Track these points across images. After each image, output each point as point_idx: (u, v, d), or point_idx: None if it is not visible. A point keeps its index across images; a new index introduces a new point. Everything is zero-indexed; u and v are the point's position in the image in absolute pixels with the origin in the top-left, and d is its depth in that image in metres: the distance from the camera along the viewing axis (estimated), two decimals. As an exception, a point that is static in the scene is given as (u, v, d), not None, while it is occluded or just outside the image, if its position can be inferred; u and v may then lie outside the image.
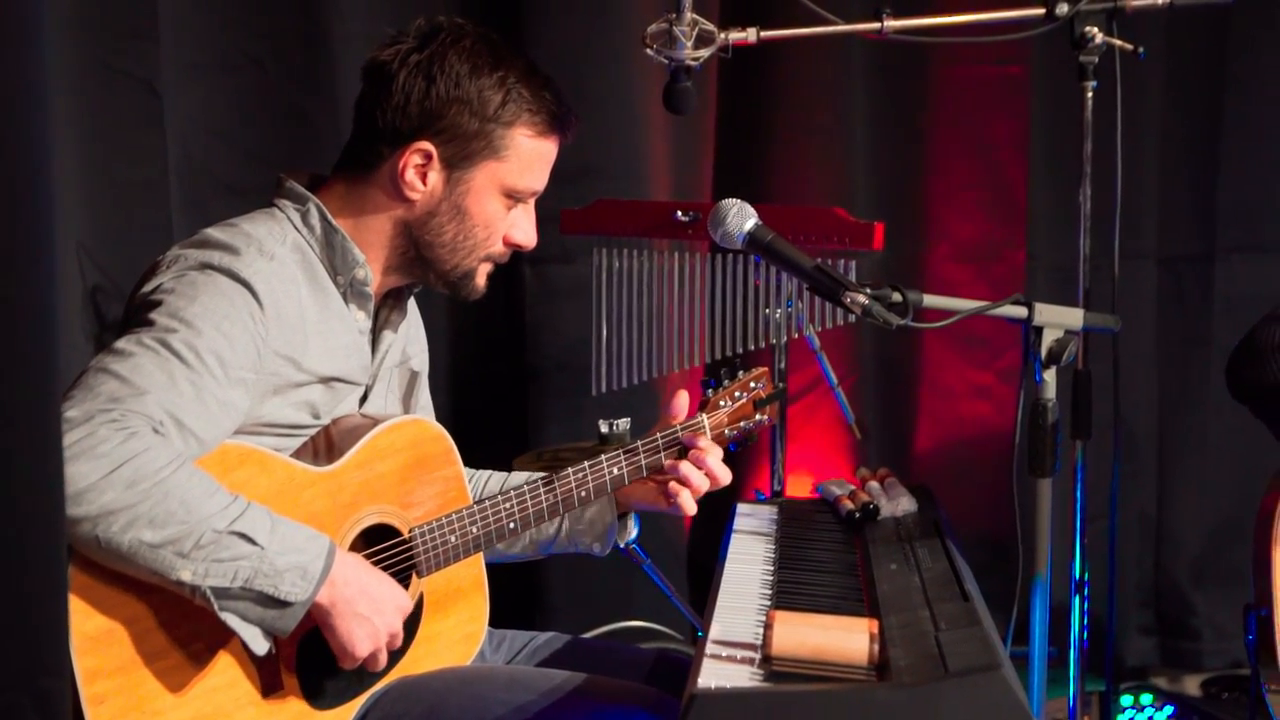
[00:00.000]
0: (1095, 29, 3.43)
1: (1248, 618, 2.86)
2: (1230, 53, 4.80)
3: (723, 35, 3.31)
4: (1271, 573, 2.76)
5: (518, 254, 2.80)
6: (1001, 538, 3.27)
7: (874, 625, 2.31)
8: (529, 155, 2.67)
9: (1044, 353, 2.83)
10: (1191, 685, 4.89)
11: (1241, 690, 4.70)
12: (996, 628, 2.47)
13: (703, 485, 2.78)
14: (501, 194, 2.68)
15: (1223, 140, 4.83)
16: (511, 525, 2.70)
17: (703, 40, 3.28)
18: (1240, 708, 4.57)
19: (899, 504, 3.14)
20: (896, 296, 2.70)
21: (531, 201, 2.74)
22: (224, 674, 2.43)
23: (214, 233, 2.57)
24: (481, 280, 2.75)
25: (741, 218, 2.80)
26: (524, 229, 2.74)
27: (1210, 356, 4.83)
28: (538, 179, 2.71)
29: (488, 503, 2.69)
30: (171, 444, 2.33)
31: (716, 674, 2.27)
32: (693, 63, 3.28)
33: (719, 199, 2.84)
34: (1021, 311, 2.82)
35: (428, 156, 2.63)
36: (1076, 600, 3.58)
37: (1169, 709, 4.46)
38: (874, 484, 3.23)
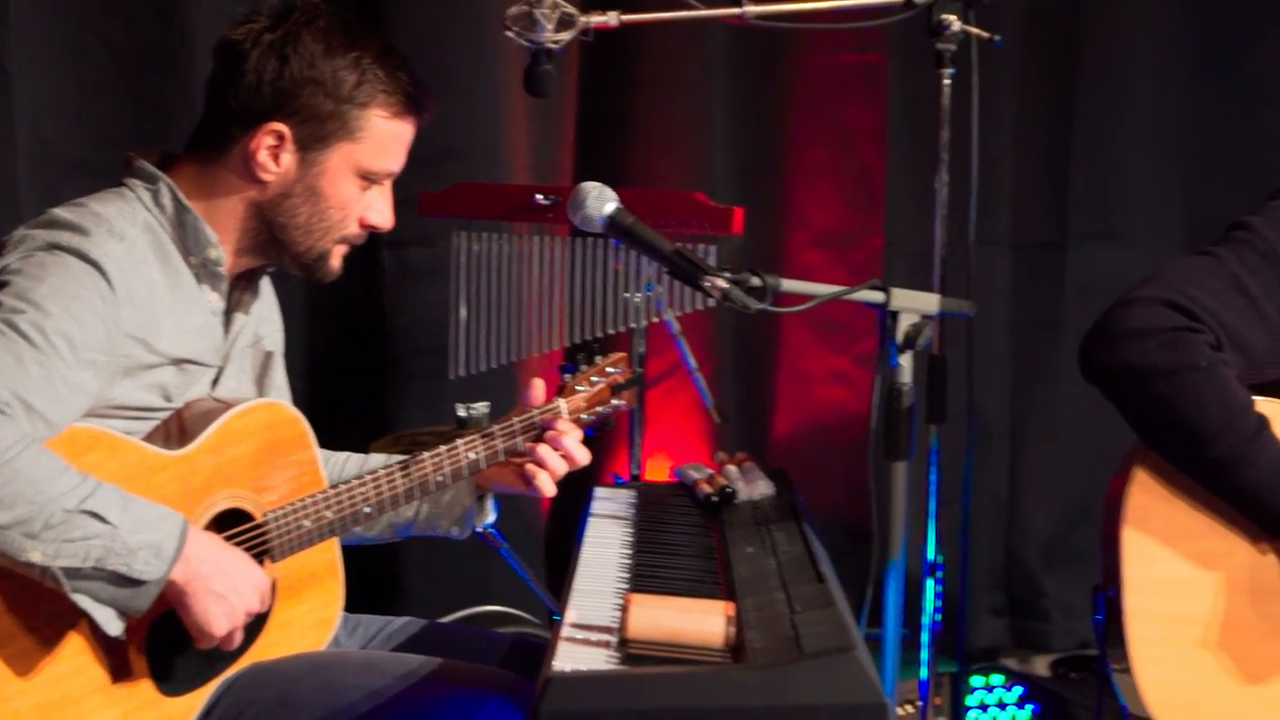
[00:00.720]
0: (953, 17, 3.46)
1: (1096, 598, 2.90)
2: (1084, 41, 4.87)
3: (584, 19, 3.31)
4: (1120, 553, 2.81)
5: (376, 236, 2.78)
6: (857, 521, 3.29)
7: (730, 608, 2.32)
8: (384, 136, 2.65)
9: (900, 337, 2.85)
10: (1041, 666, 4.97)
11: (1089, 670, 4.78)
12: (851, 610, 2.48)
13: (560, 467, 2.78)
14: (356, 175, 2.65)
15: (1075, 129, 4.91)
16: (367, 510, 2.68)
17: (564, 23, 3.27)
18: (1088, 687, 4.64)
19: (756, 488, 3.15)
20: (755, 281, 2.70)
21: (388, 183, 2.72)
22: (71, 660, 2.39)
23: (62, 213, 2.52)
24: (336, 262, 2.72)
25: (601, 201, 2.79)
26: (380, 210, 2.71)
27: (1062, 342, 4.90)
28: (393, 160, 2.68)
29: (343, 487, 2.67)
30: (18, 425, 2.28)
31: (573, 657, 2.27)
32: (553, 46, 3.27)
33: (579, 183, 2.84)
34: (878, 296, 2.84)
35: (281, 138, 2.60)
36: (929, 583, 3.62)
37: (1018, 689, 4.52)
38: (732, 468, 3.24)
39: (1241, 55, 4.94)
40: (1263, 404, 2.77)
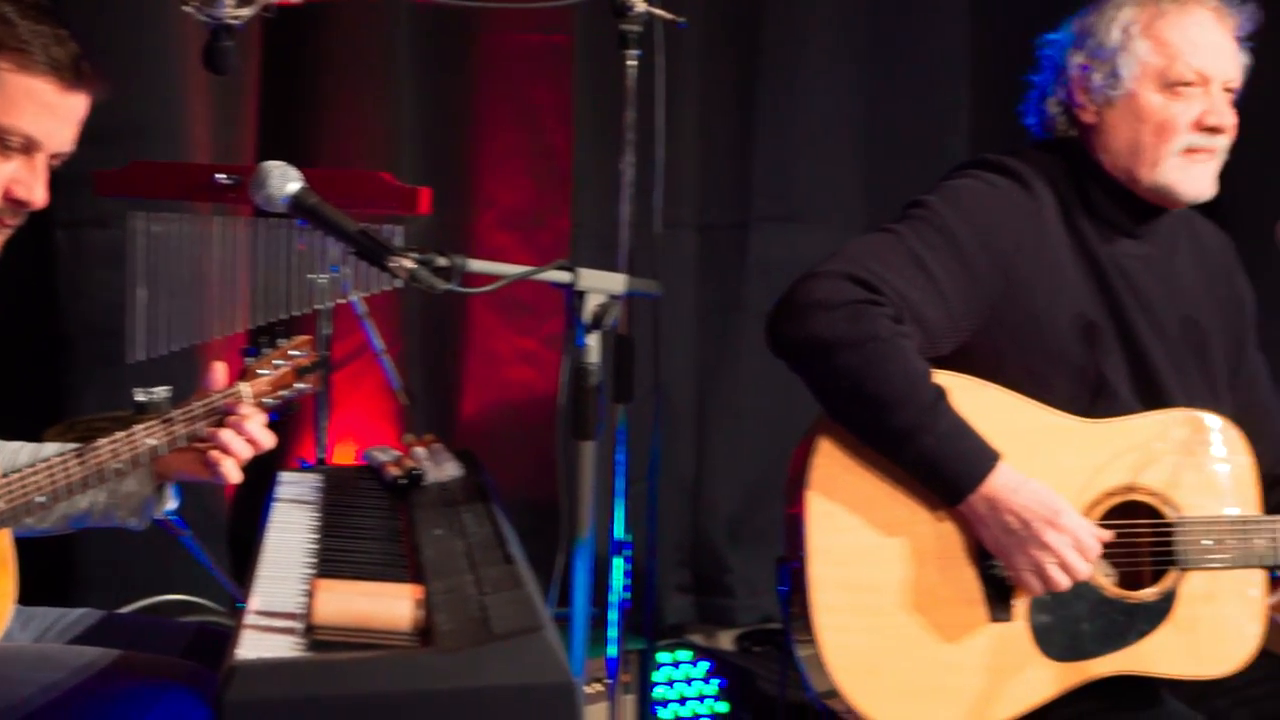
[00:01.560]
0: (637, -2, 3.49)
1: (780, 569, 2.95)
2: (764, 26, 4.96)
3: (265, -6, 3.24)
4: (804, 524, 2.86)
5: (47, 217, 2.66)
6: (546, 501, 3.31)
7: (418, 591, 2.31)
8: (13, 91, 2.51)
9: (587, 318, 2.87)
10: (726, 640, 5.05)
11: (773, 643, 4.88)
12: (540, 590, 2.49)
13: (244, 451, 2.72)
14: (-16, 135, 2.51)
15: (757, 112, 4.99)
16: (40, 499, 2.58)
17: (244, -1, 3.20)
18: (771, 660, 4.74)
19: (445, 469, 3.14)
20: (442, 261, 2.69)
21: (39, 157, 2.58)
22: None
23: None
24: (-11, 242, 2.59)
25: (284, 180, 2.75)
26: (25, 183, 2.56)
27: (746, 322, 4.99)
28: (29, 122, 2.52)
29: (14, 476, 2.57)
30: None
31: (257, 645, 2.23)
32: (234, 21, 3.19)
33: (262, 162, 2.78)
34: (565, 276, 2.86)
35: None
36: (618, 562, 3.65)
37: (705, 665, 4.59)
38: (420, 450, 3.22)
39: (916, 42, 5.09)
40: (940, 376, 2.85)
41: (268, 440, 2.74)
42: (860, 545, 2.85)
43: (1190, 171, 2.97)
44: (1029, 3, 4.91)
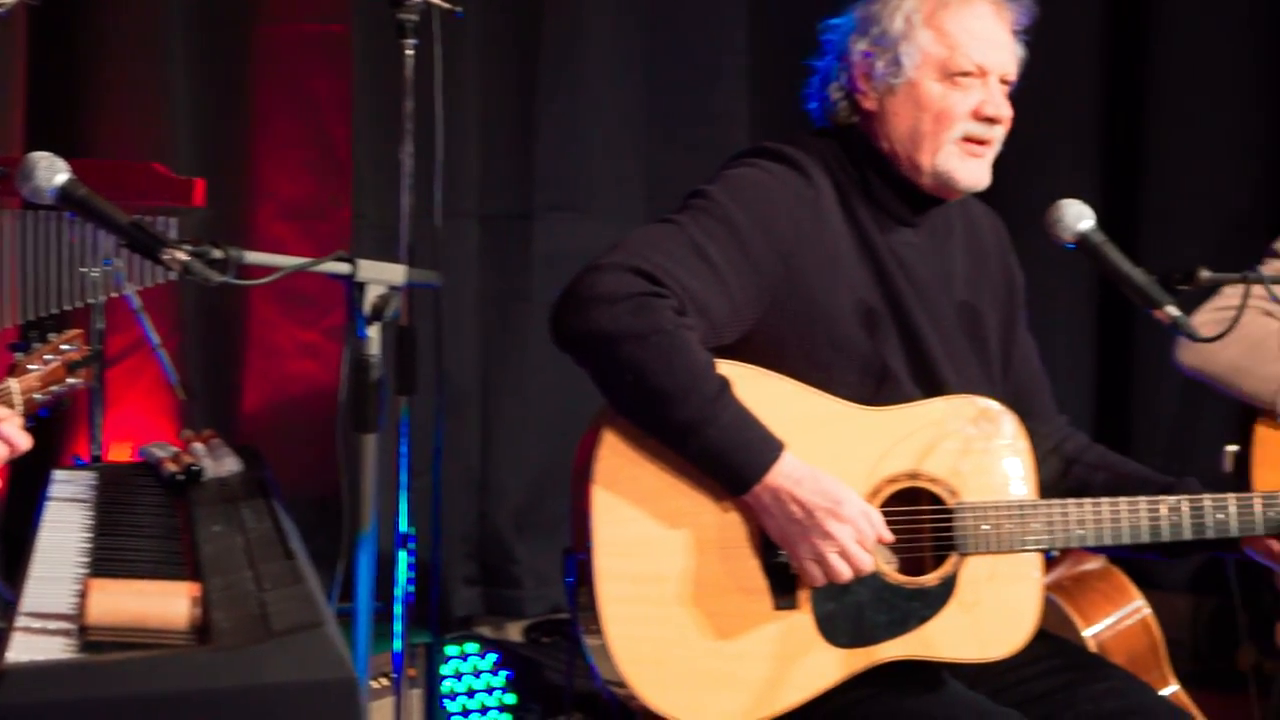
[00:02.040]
0: (415, -12, 3.47)
1: (567, 561, 2.95)
2: (545, 18, 4.95)
3: (30, -21, 3.16)
4: (589, 515, 2.86)
5: None
6: (329, 495, 3.28)
7: (195, 589, 2.27)
8: None
9: (367, 309, 2.84)
10: (514, 632, 5.05)
11: (561, 634, 4.89)
12: (323, 585, 2.46)
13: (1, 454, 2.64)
14: None
15: (539, 103, 4.98)
16: None
17: (8, -17, 3.12)
18: (559, 650, 4.75)
19: (224, 465, 3.09)
20: (218, 253, 2.64)
21: None
22: None
23: None
24: None
25: (52, 172, 2.67)
26: None
27: (531, 312, 4.98)
28: None
29: None
30: None
31: (29, 647, 2.18)
32: (-1, 9, 3.11)
33: (29, 153, 2.71)
34: (344, 268, 2.82)
35: None
36: (402, 555, 3.62)
37: (492, 657, 4.58)
38: (198, 445, 3.17)
39: (697, 31, 5.13)
40: (724, 366, 2.86)
41: (24, 442, 2.65)
42: (645, 537, 2.85)
43: (967, 160, 3.02)
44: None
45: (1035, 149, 5.13)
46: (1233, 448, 2.87)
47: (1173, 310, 2.82)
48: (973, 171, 3.02)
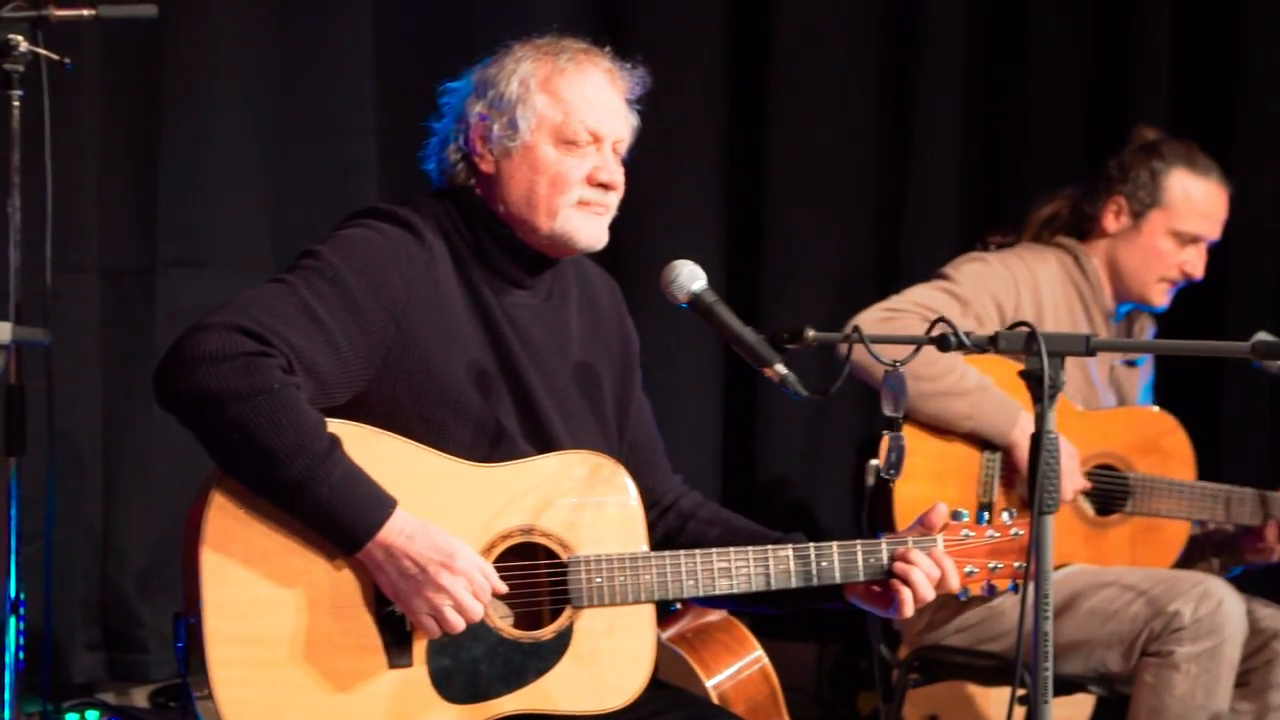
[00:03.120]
0: (20, 37, 3.38)
1: (177, 625, 2.90)
2: (166, 69, 4.84)
3: None
4: (199, 577, 2.82)
5: None
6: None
7: None
8: None
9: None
10: (140, 697, 4.92)
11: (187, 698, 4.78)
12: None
13: None
14: None
15: (162, 156, 4.88)
16: None
17: None
18: (186, 715, 4.64)
19: None
20: None
21: None
22: None
23: None
24: None
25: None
26: None
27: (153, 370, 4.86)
28: None
29: None
30: None
31: None
32: None
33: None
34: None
35: None
36: (12, 621, 3.51)
37: (114, 722, 4.46)
38: None
39: (324, 86, 5.09)
40: (335, 425, 2.85)
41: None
42: (256, 597, 2.83)
43: (587, 222, 3.08)
44: (436, 50, 5.03)
45: (660, 208, 5.27)
46: (875, 462, 2.99)
47: (781, 369, 2.92)
48: (592, 230, 3.09)
